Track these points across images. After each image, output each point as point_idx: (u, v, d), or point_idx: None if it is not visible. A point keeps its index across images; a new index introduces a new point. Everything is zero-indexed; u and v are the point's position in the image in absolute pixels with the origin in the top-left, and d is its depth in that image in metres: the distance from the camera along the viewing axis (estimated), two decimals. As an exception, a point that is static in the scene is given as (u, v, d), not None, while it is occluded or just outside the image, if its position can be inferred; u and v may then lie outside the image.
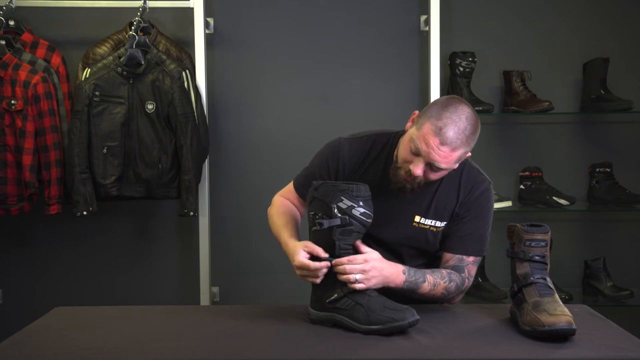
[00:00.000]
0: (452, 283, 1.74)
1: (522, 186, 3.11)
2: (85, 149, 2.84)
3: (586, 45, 3.17)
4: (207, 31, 3.04)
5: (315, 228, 1.63)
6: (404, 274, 1.67)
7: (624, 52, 3.18)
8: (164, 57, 2.91)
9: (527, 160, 3.17)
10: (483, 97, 3.05)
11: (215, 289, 3.17)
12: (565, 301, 2.11)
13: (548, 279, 1.59)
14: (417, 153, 1.67)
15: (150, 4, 2.91)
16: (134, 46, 2.83)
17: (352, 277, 1.59)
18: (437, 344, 1.47)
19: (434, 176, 1.71)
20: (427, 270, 1.72)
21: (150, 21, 2.96)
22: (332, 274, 1.63)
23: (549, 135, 3.22)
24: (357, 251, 1.65)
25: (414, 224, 1.82)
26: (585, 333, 1.52)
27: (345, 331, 1.58)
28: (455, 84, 3.05)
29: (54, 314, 1.80)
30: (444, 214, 1.81)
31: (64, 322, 1.71)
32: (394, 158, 1.77)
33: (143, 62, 2.84)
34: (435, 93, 2.96)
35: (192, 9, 2.95)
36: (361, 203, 1.61)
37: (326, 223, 1.60)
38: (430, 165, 1.67)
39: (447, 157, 1.65)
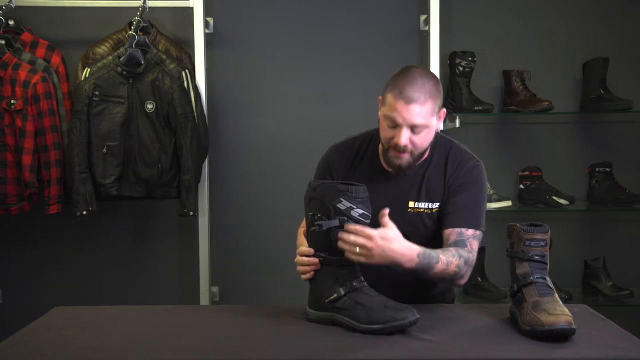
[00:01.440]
0: (461, 259, 1.73)
1: (522, 186, 3.11)
2: (85, 149, 2.84)
3: (586, 45, 3.17)
4: (207, 31, 3.04)
5: (314, 229, 1.63)
6: (418, 257, 1.64)
7: (624, 52, 3.18)
8: (164, 57, 2.91)
9: (527, 160, 3.17)
10: (483, 97, 3.05)
11: (215, 289, 3.17)
12: (565, 301, 2.10)
13: (548, 279, 1.59)
14: (394, 125, 1.75)
15: (150, 4, 2.91)
16: (134, 46, 2.83)
17: (354, 248, 1.58)
18: (437, 343, 1.47)
19: (420, 140, 1.76)
20: (439, 250, 1.71)
21: (150, 21, 2.97)
22: (331, 274, 1.63)
23: (549, 135, 3.22)
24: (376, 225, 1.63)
25: (410, 210, 1.85)
26: (585, 333, 1.52)
27: (345, 331, 1.58)
28: (455, 84, 3.05)
29: (54, 314, 1.80)
30: (435, 196, 1.85)
31: (64, 322, 1.71)
32: (381, 146, 1.84)
33: (143, 62, 2.84)
34: (435, 93, 2.95)
35: (192, 9, 2.95)
36: (360, 204, 1.61)
37: (325, 224, 1.60)
38: (412, 130, 1.74)
39: (420, 113, 1.72)
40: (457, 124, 2.92)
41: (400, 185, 1.85)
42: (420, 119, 1.73)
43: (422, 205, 1.85)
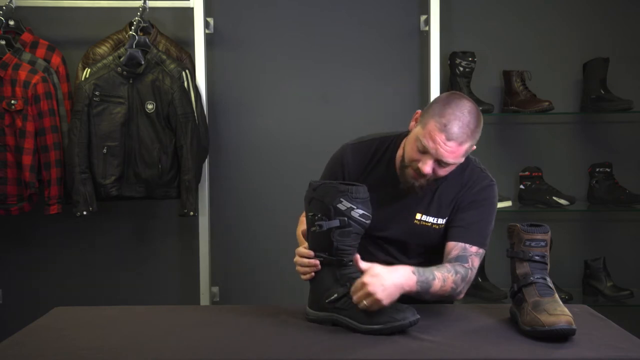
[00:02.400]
0: (458, 275, 1.72)
1: (522, 186, 3.11)
2: (85, 149, 2.84)
3: (586, 45, 3.17)
4: (207, 31, 3.04)
5: (314, 229, 1.63)
6: (415, 274, 1.62)
7: (624, 52, 3.18)
8: (164, 57, 2.91)
9: (527, 160, 3.17)
10: (483, 97, 3.05)
11: (215, 289, 3.17)
12: (565, 301, 2.11)
13: (548, 279, 1.59)
14: (424, 151, 1.70)
15: (150, 4, 2.91)
16: (134, 46, 2.83)
17: (361, 305, 1.55)
18: (437, 343, 1.47)
19: (443, 172, 1.74)
20: (432, 268, 1.69)
21: (150, 21, 2.96)
22: (331, 273, 1.63)
23: (549, 135, 3.22)
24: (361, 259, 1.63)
25: (416, 221, 1.84)
26: (585, 333, 1.52)
27: (345, 331, 1.58)
28: (455, 84, 3.05)
29: (54, 314, 1.80)
30: (445, 211, 1.83)
31: (64, 322, 1.71)
32: (401, 158, 1.80)
33: (143, 62, 2.84)
34: (435, 93, 2.95)
35: (192, 9, 2.95)
36: (360, 204, 1.61)
37: (325, 225, 1.60)
38: (438, 162, 1.70)
39: (455, 152, 1.68)
40: (457, 124, 2.91)
41: (411, 196, 1.81)
42: (452, 158, 1.69)
43: (430, 219, 1.83)
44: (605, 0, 3.20)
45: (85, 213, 2.84)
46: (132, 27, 2.87)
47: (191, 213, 2.89)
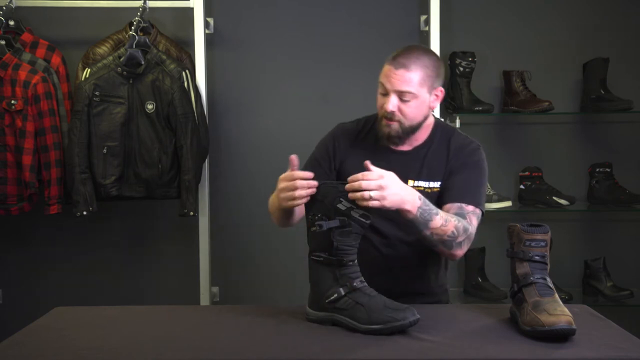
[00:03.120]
0: (460, 223, 1.74)
1: (522, 186, 3.11)
2: (85, 149, 2.84)
3: (586, 45, 3.17)
4: (207, 31, 3.04)
5: (314, 229, 1.63)
6: (420, 199, 1.65)
7: (624, 52, 3.18)
8: (164, 57, 2.91)
9: (527, 160, 3.17)
10: (483, 97, 3.05)
11: (215, 289, 3.17)
12: (565, 301, 2.10)
13: (548, 279, 1.59)
14: (384, 92, 1.81)
15: (150, 4, 2.91)
16: (134, 46, 2.83)
17: (366, 194, 1.55)
18: (437, 343, 1.47)
19: (408, 109, 1.80)
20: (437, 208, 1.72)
21: (150, 21, 2.97)
22: (331, 273, 1.63)
23: (549, 135, 3.22)
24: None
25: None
26: (585, 333, 1.52)
27: (345, 331, 1.58)
28: (455, 84, 3.05)
29: (54, 314, 1.80)
30: (436, 175, 1.87)
31: (64, 322, 1.71)
32: (375, 126, 1.90)
33: (143, 62, 2.84)
34: (435, 93, 2.95)
35: (192, 9, 2.95)
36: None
37: (325, 224, 1.60)
38: (400, 98, 1.78)
39: (403, 78, 1.77)
40: (457, 124, 2.92)
41: (402, 164, 1.86)
42: (406, 86, 1.77)
43: (422, 183, 1.87)
44: (605, 0, 3.20)
45: (85, 213, 2.84)
46: (132, 27, 2.87)
47: (191, 213, 2.89)
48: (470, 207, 1.81)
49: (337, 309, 1.61)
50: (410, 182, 1.85)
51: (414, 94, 1.79)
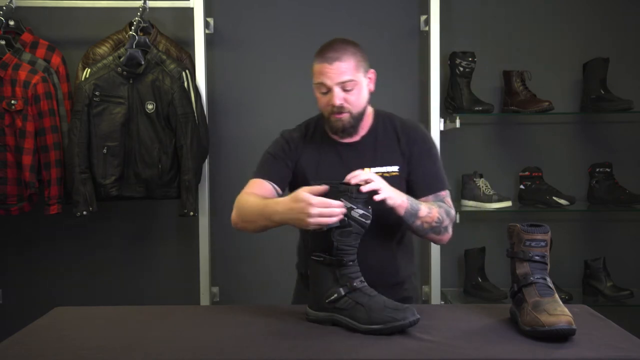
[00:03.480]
0: (441, 208, 1.85)
1: (522, 186, 3.11)
2: (85, 149, 2.84)
3: (586, 45, 3.18)
4: (207, 31, 3.04)
5: (314, 229, 1.63)
6: (403, 195, 1.77)
7: (624, 52, 3.18)
8: (164, 57, 2.91)
9: (527, 160, 3.17)
10: (483, 97, 3.05)
11: (215, 289, 3.17)
12: (565, 301, 2.11)
13: (548, 279, 1.59)
14: (326, 89, 1.85)
15: (150, 4, 2.91)
16: (134, 46, 2.83)
17: (376, 185, 1.65)
18: (437, 344, 1.47)
19: (354, 97, 1.85)
20: (417, 200, 1.83)
21: (150, 21, 2.97)
22: (331, 273, 1.63)
23: (549, 135, 3.22)
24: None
25: None
26: (585, 333, 1.52)
27: (345, 331, 1.58)
28: (455, 84, 3.05)
29: (54, 314, 1.80)
30: (391, 159, 1.92)
31: (64, 322, 1.71)
32: (323, 118, 1.92)
33: (143, 62, 2.84)
34: (435, 93, 2.96)
35: (192, 9, 2.95)
36: (360, 204, 1.62)
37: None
38: (342, 89, 1.83)
39: (340, 68, 1.82)
40: (457, 124, 2.92)
41: (355, 154, 1.91)
42: (345, 76, 1.82)
43: (380, 169, 1.90)
44: (605, 0, 3.20)
45: (85, 213, 2.84)
46: (132, 27, 2.87)
47: (191, 213, 2.89)
48: (443, 192, 1.93)
49: (337, 309, 1.61)
50: (367, 170, 1.88)
51: (355, 81, 1.85)
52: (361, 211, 1.61)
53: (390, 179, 1.86)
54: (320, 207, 1.58)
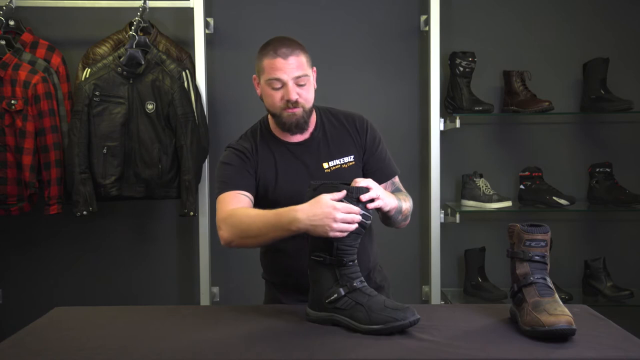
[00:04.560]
0: (404, 195, 1.92)
1: (522, 186, 3.11)
2: (85, 149, 2.84)
3: (586, 45, 3.18)
4: (207, 31, 3.04)
5: None
6: (394, 198, 1.80)
7: (624, 52, 3.18)
8: (164, 57, 2.91)
9: (527, 160, 3.17)
10: (483, 97, 3.05)
11: (215, 289, 3.17)
12: (565, 301, 2.11)
13: (548, 279, 1.59)
14: (280, 84, 1.84)
15: (150, 4, 2.91)
16: (134, 46, 2.83)
17: (374, 193, 1.67)
18: (437, 343, 1.47)
19: (306, 92, 1.86)
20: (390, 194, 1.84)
21: (150, 21, 2.97)
22: (331, 274, 1.63)
23: (549, 135, 3.22)
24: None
25: (327, 170, 1.90)
26: (585, 333, 1.52)
27: (345, 331, 1.58)
28: (455, 84, 3.05)
29: (54, 314, 1.80)
30: (345, 150, 1.93)
31: (64, 322, 1.71)
32: (272, 117, 1.92)
33: (143, 62, 2.84)
34: (435, 93, 2.96)
35: (192, 9, 2.95)
36: (360, 205, 1.62)
37: None
38: (296, 82, 1.84)
39: (297, 64, 1.83)
40: (457, 124, 2.92)
41: (310, 152, 1.91)
42: (301, 70, 1.84)
43: (337, 161, 1.91)
44: (606, 1, 3.20)
45: (85, 213, 2.84)
46: (132, 27, 2.87)
47: (191, 213, 2.89)
48: (397, 178, 1.99)
49: (337, 309, 1.61)
50: (326, 164, 1.91)
51: (307, 76, 1.87)
52: (362, 211, 1.62)
53: (348, 170, 1.89)
54: (344, 213, 1.58)
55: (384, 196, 1.71)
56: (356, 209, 1.59)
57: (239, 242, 1.76)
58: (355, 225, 1.60)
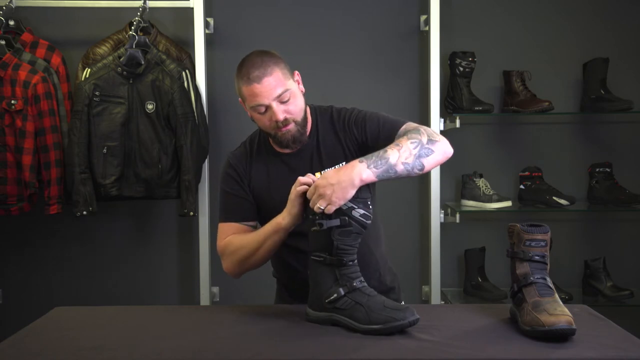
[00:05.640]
0: (406, 134, 1.73)
1: (522, 186, 3.11)
2: (85, 149, 2.84)
3: (586, 45, 3.18)
4: (207, 31, 3.04)
5: (314, 229, 1.64)
6: (362, 161, 1.63)
7: (624, 52, 3.18)
8: (164, 57, 2.91)
9: (527, 160, 3.17)
10: (483, 97, 3.05)
11: (215, 289, 3.17)
12: (565, 301, 2.10)
13: (548, 279, 1.59)
14: (264, 109, 1.79)
15: (150, 4, 2.91)
16: (133, 46, 2.83)
17: (316, 208, 1.59)
18: (437, 343, 1.47)
19: (293, 106, 1.81)
20: (379, 150, 1.68)
21: (150, 21, 2.97)
22: (331, 273, 1.63)
23: (549, 135, 3.22)
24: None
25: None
26: (585, 333, 1.52)
27: (345, 331, 1.58)
28: (455, 84, 3.05)
29: (54, 314, 1.80)
30: (337, 157, 1.87)
31: (64, 322, 1.71)
32: (267, 136, 1.89)
33: (143, 62, 2.84)
34: (435, 93, 2.96)
35: (192, 9, 2.95)
36: (361, 204, 1.62)
37: (325, 224, 1.60)
38: (279, 101, 1.78)
39: (273, 83, 1.77)
40: (457, 124, 2.92)
41: (301, 162, 1.88)
42: (279, 88, 1.78)
43: (329, 170, 1.85)
44: (606, 1, 3.20)
45: (85, 213, 2.84)
46: (132, 27, 2.87)
47: (191, 213, 2.89)
48: (401, 128, 1.79)
49: (337, 309, 1.61)
50: (318, 174, 1.83)
51: (289, 90, 1.80)
52: (362, 211, 1.62)
53: None
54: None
55: (322, 198, 1.59)
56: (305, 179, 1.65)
57: (241, 269, 1.86)
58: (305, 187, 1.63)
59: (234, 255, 1.84)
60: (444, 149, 1.76)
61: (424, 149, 1.70)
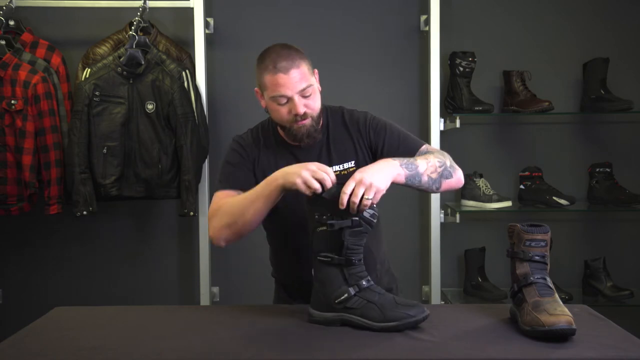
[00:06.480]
0: (433, 154, 1.78)
1: (522, 186, 3.11)
2: (85, 149, 2.84)
3: (586, 45, 3.18)
4: (207, 31, 3.04)
5: (322, 229, 1.62)
6: (395, 160, 1.67)
7: (624, 52, 3.18)
8: (164, 57, 2.91)
9: (527, 160, 3.17)
10: (483, 97, 3.05)
11: (215, 289, 3.17)
12: (565, 301, 2.10)
13: (548, 279, 1.59)
14: (285, 100, 1.79)
15: (150, 4, 2.91)
16: (134, 46, 2.83)
17: (365, 199, 1.57)
18: (437, 344, 1.47)
19: (312, 101, 1.82)
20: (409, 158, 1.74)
21: (150, 21, 2.97)
22: (339, 274, 1.63)
23: (549, 135, 3.22)
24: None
25: None
26: (585, 333, 1.52)
27: (345, 331, 1.58)
28: (455, 84, 3.05)
29: (54, 314, 1.80)
30: (347, 156, 1.88)
31: (64, 322, 1.71)
32: (280, 128, 1.88)
33: (143, 62, 2.84)
34: (435, 93, 2.96)
35: (192, 9, 2.95)
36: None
37: (337, 224, 1.60)
38: (302, 95, 1.79)
39: (299, 76, 1.79)
40: (457, 124, 2.92)
41: (309, 156, 1.86)
42: (305, 82, 1.79)
43: (337, 167, 1.87)
44: (606, 1, 3.20)
45: (85, 213, 2.84)
46: (132, 27, 2.87)
47: (191, 213, 2.89)
48: (422, 148, 1.84)
49: (348, 309, 1.60)
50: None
51: (312, 86, 1.82)
52: (371, 211, 1.62)
53: (348, 175, 1.80)
54: (317, 169, 1.61)
55: (365, 192, 1.58)
56: (332, 174, 1.62)
57: (229, 229, 1.77)
58: (326, 184, 1.61)
59: (223, 215, 1.77)
60: (460, 178, 1.82)
61: (446, 170, 1.77)
